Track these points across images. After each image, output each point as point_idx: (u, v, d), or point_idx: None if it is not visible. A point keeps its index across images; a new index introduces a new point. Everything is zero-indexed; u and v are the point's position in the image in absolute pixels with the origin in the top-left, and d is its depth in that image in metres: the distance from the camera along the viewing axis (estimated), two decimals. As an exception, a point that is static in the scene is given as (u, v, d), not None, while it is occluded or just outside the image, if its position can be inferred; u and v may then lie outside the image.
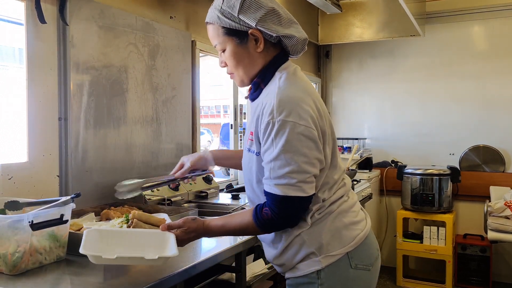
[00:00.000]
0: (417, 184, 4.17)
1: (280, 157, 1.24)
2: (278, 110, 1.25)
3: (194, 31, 3.01)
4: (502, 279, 4.29)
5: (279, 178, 1.25)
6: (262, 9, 1.34)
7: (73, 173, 2.10)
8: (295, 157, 1.24)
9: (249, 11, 1.34)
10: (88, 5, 2.18)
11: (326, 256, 1.33)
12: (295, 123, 1.24)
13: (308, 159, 1.25)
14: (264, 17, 1.34)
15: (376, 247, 1.46)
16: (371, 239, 1.43)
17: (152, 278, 1.37)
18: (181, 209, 2.11)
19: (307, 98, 1.30)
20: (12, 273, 1.41)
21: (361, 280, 1.37)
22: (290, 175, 1.24)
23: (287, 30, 1.37)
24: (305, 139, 1.25)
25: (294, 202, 1.26)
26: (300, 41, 1.41)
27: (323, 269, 1.33)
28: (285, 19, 1.38)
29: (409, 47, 4.71)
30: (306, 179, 1.25)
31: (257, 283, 2.27)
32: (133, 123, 2.45)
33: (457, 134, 4.51)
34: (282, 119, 1.24)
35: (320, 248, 1.33)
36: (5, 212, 1.62)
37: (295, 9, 4.16)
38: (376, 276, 1.45)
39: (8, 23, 2.03)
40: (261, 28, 1.34)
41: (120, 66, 2.36)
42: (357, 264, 1.35)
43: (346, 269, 1.34)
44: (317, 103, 1.33)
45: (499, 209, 3.79)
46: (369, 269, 1.38)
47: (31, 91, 1.96)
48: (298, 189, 1.25)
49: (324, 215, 1.35)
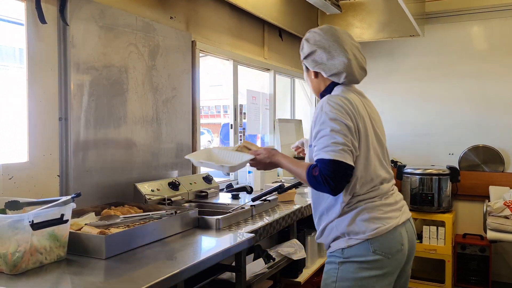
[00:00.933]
0: (417, 184, 4.18)
1: (326, 135, 1.63)
2: (325, 104, 1.68)
3: (194, 31, 3.01)
4: (501, 279, 4.30)
5: (326, 147, 1.61)
6: (308, 49, 1.83)
7: (73, 173, 2.11)
8: (337, 134, 1.62)
9: (302, 49, 1.87)
10: (88, 5, 2.18)
11: (349, 239, 1.71)
12: (336, 114, 1.65)
13: (347, 138, 1.62)
14: (308, 55, 1.83)
15: (400, 242, 1.73)
16: (395, 235, 1.72)
17: (152, 278, 1.37)
18: (181, 209, 2.11)
19: (346, 101, 1.70)
20: (12, 272, 1.42)
21: (378, 263, 1.68)
22: (335, 145, 1.60)
23: (322, 67, 1.80)
24: (343, 124, 1.64)
25: (336, 166, 1.58)
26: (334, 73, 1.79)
27: (346, 248, 1.71)
28: (327, 56, 1.79)
29: (408, 47, 4.71)
30: (346, 150, 1.60)
31: (257, 283, 2.28)
32: (133, 123, 2.45)
33: (456, 134, 4.52)
34: (326, 111, 1.66)
35: (345, 233, 1.71)
36: (5, 212, 1.62)
37: (295, 10, 4.16)
38: (397, 266, 1.73)
39: (8, 23, 2.04)
40: (306, 64, 1.87)
41: (120, 66, 2.36)
42: (376, 250, 1.68)
43: (367, 252, 1.68)
44: (356, 108, 1.72)
45: (499, 209, 3.80)
46: (388, 257, 1.69)
47: (32, 91, 1.97)
48: (340, 156, 1.59)
49: (350, 209, 1.71)
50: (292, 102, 4.73)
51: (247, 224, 2.19)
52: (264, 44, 3.93)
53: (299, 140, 2.29)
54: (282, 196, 2.72)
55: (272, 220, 2.29)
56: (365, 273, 1.68)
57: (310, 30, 1.87)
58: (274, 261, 2.46)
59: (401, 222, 1.75)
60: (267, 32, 3.95)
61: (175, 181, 2.54)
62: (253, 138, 4.26)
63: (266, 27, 3.92)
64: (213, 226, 2.05)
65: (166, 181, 2.51)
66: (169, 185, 2.50)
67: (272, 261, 2.44)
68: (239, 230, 2.06)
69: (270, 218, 2.32)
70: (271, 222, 2.27)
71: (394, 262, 1.71)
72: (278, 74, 4.25)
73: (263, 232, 2.17)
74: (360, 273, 1.68)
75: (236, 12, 3.48)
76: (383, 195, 1.76)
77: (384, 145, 1.85)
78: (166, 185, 2.49)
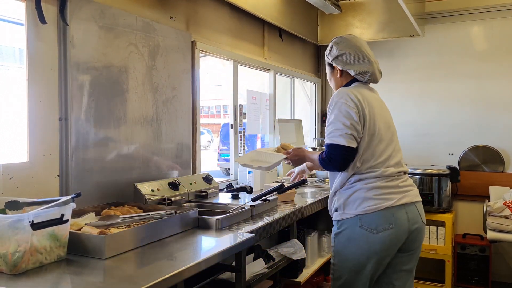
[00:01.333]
0: (417, 184, 4.17)
1: (331, 123, 1.99)
2: (335, 95, 2.03)
3: (194, 31, 3.01)
4: (501, 279, 4.30)
5: (329, 133, 1.98)
6: (337, 52, 2.15)
7: (73, 173, 2.11)
8: (341, 120, 1.95)
9: (331, 53, 2.18)
10: (89, 5, 2.18)
11: (343, 213, 2.04)
12: (342, 102, 1.98)
13: (347, 124, 1.94)
14: (337, 57, 2.16)
15: (389, 221, 1.96)
16: (385, 215, 1.96)
17: (152, 278, 1.37)
18: (181, 209, 2.11)
19: (356, 93, 2.01)
20: (12, 272, 1.42)
21: (364, 237, 1.97)
22: (335, 131, 1.96)
23: (350, 66, 2.13)
24: (346, 112, 1.96)
25: (337, 149, 1.94)
26: (361, 72, 2.11)
27: (340, 220, 2.05)
28: (353, 59, 2.12)
29: (408, 48, 4.71)
30: (344, 134, 1.93)
31: (257, 283, 2.28)
32: (133, 123, 2.45)
33: (456, 134, 4.52)
34: (335, 100, 2.01)
35: (341, 206, 2.05)
36: (5, 212, 1.62)
37: (295, 10, 4.17)
38: (385, 241, 1.96)
39: (8, 23, 2.04)
40: (334, 63, 2.18)
41: (120, 66, 2.36)
42: (363, 225, 1.97)
43: (355, 225, 1.99)
44: (365, 100, 2.02)
45: (498, 209, 3.80)
46: (374, 233, 1.96)
47: (32, 91, 1.97)
48: (338, 139, 1.94)
49: (350, 187, 2.02)
50: (292, 102, 4.73)
51: (247, 224, 2.19)
52: (264, 44, 3.93)
53: (298, 168, 2.68)
54: (282, 196, 2.72)
55: (272, 220, 2.29)
56: (352, 247, 2.00)
57: (337, 36, 2.22)
58: (274, 261, 2.46)
59: (398, 204, 1.98)
60: (267, 32, 3.95)
61: (175, 181, 2.54)
62: (253, 138, 4.26)
63: (266, 27, 3.92)
64: (213, 226, 2.05)
65: (166, 181, 2.51)
66: (169, 185, 2.50)
67: (272, 261, 2.44)
68: (239, 230, 2.06)
69: (270, 218, 2.32)
70: (271, 222, 2.27)
71: (383, 239, 1.95)
72: (278, 74, 4.25)
73: (263, 232, 2.17)
74: (348, 246, 2.01)
75: (236, 12, 3.48)
76: (386, 178, 2.00)
77: (394, 136, 2.14)
78: (166, 185, 2.49)
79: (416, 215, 2.04)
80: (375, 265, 2.00)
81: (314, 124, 5.03)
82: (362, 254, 1.98)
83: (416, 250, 2.12)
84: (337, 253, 2.07)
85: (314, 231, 3.20)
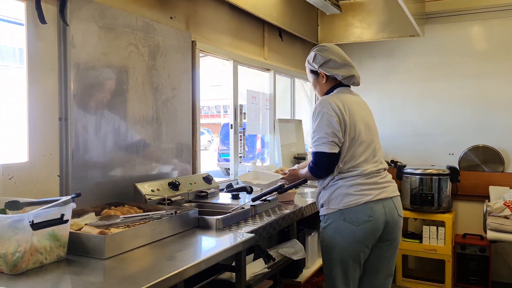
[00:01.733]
0: (417, 184, 4.18)
1: (315, 130, 2.20)
2: (318, 105, 2.23)
3: (194, 32, 3.01)
4: (501, 279, 4.30)
5: (313, 142, 2.21)
6: (323, 59, 2.31)
7: (73, 173, 2.11)
8: (323, 129, 2.16)
9: (317, 61, 2.34)
10: (89, 6, 2.18)
11: (328, 208, 2.25)
12: (324, 111, 2.18)
13: (328, 131, 2.15)
14: (324, 64, 2.31)
15: (368, 214, 2.17)
16: (365, 208, 2.17)
17: (152, 278, 1.37)
18: (181, 209, 2.11)
19: (337, 101, 2.21)
20: (12, 272, 1.42)
21: (348, 229, 2.18)
22: (318, 139, 2.17)
23: (336, 71, 2.29)
24: (328, 121, 2.16)
25: (321, 156, 2.18)
26: (347, 76, 2.29)
27: (326, 215, 2.26)
28: (339, 65, 2.29)
29: (408, 48, 4.71)
30: (326, 141, 2.15)
31: (257, 283, 2.28)
32: (133, 123, 2.45)
33: (456, 134, 4.52)
34: (318, 109, 2.21)
35: (326, 202, 2.26)
36: (5, 212, 1.62)
37: (295, 10, 4.17)
38: (366, 232, 2.17)
39: (8, 23, 2.04)
40: (322, 70, 2.32)
41: (120, 66, 2.36)
42: (345, 218, 2.18)
43: (339, 219, 2.20)
44: (346, 107, 2.21)
45: (498, 209, 3.80)
46: (356, 225, 2.17)
47: (32, 91, 1.97)
48: (321, 147, 2.17)
49: (333, 185, 2.23)
50: (292, 102, 4.73)
51: (247, 224, 2.19)
52: (264, 44, 3.93)
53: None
54: (282, 196, 2.72)
55: (272, 220, 2.29)
56: (338, 238, 2.21)
57: (317, 45, 2.39)
58: (274, 261, 2.46)
59: (376, 199, 2.19)
60: (267, 32, 3.95)
61: (175, 181, 2.54)
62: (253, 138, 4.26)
63: (266, 27, 3.92)
64: (213, 226, 2.05)
65: (166, 181, 2.52)
66: (169, 185, 2.50)
67: (272, 261, 2.44)
68: (239, 230, 2.06)
69: (270, 218, 2.32)
70: (271, 222, 2.27)
71: (363, 229, 2.17)
72: (278, 74, 4.25)
73: (263, 232, 2.17)
74: (335, 237, 2.22)
75: (236, 12, 3.48)
76: (365, 176, 2.20)
77: (374, 136, 2.32)
78: (166, 185, 2.49)
79: (392, 208, 2.24)
80: (360, 252, 2.21)
81: (314, 124, 5.02)
82: (348, 243, 2.19)
83: (395, 240, 2.31)
84: (326, 246, 2.26)
85: (314, 231, 3.20)
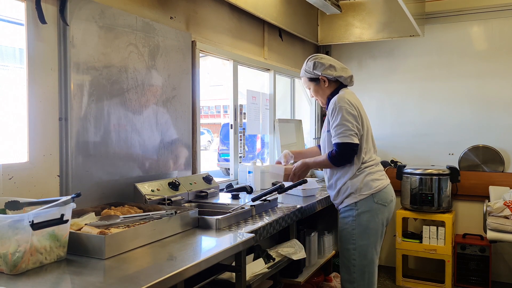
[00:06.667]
0: (417, 184, 4.18)
1: (338, 124, 2.42)
2: (337, 101, 2.46)
3: (194, 32, 3.01)
4: (501, 279, 4.30)
5: (338, 134, 2.42)
6: (324, 66, 2.56)
7: (73, 173, 2.11)
8: (345, 123, 2.41)
9: (318, 68, 2.57)
10: (89, 6, 2.18)
11: (360, 195, 2.48)
12: (345, 106, 2.43)
13: (352, 124, 2.41)
14: (326, 69, 2.55)
15: (392, 194, 2.57)
16: (387, 190, 2.54)
17: (152, 278, 1.37)
18: (181, 209, 2.11)
19: (350, 98, 2.47)
20: (12, 272, 1.42)
21: (379, 210, 2.49)
22: (344, 132, 2.40)
23: (338, 73, 2.55)
24: (350, 114, 2.42)
25: (347, 146, 2.41)
26: (347, 77, 2.57)
27: (358, 201, 2.48)
28: (338, 68, 2.56)
29: (408, 48, 4.71)
30: (351, 133, 2.40)
31: (257, 283, 2.28)
32: (133, 123, 2.45)
33: (456, 134, 4.52)
34: (339, 105, 2.44)
35: (357, 190, 2.49)
36: (5, 212, 1.62)
37: (295, 10, 4.17)
38: (391, 211, 2.57)
39: (8, 23, 2.04)
40: (325, 74, 2.56)
41: (121, 66, 2.36)
42: (377, 201, 2.48)
43: (371, 203, 2.48)
44: (357, 102, 2.50)
45: (498, 209, 3.80)
46: (385, 205, 2.51)
47: (32, 91, 1.97)
48: (348, 138, 2.40)
49: (360, 173, 2.49)
50: (292, 102, 4.73)
51: (247, 224, 2.19)
52: (264, 44, 3.93)
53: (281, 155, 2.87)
54: (282, 196, 2.72)
55: (272, 220, 2.29)
56: (373, 220, 2.47)
57: (311, 56, 2.63)
58: (274, 261, 2.46)
59: (388, 182, 2.57)
60: (267, 32, 3.95)
61: (175, 181, 2.54)
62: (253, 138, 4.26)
63: (266, 27, 3.92)
64: (213, 226, 2.05)
65: (166, 181, 2.52)
66: (169, 185, 2.50)
67: (272, 261, 2.44)
68: (239, 230, 2.06)
69: (270, 218, 2.32)
70: (271, 222, 2.27)
71: (390, 209, 2.55)
72: (278, 74, 4.25)
73: (263, 232, 2.17)
74: (370, 219, 2.47)
75: (236, 12, 3.48)
76: (376, 164, 2.56)
77: (370, 130, 2.60)
78: (166, 185, 2.49)
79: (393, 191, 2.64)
80: (384, 230, 2.57)
81: (314, 124, 5.02)
82: (381, 224, 2.51)
83: (389, 222, 2.64)
84: (362, 231, 2.48)
85: (314, 231, 3.20)
